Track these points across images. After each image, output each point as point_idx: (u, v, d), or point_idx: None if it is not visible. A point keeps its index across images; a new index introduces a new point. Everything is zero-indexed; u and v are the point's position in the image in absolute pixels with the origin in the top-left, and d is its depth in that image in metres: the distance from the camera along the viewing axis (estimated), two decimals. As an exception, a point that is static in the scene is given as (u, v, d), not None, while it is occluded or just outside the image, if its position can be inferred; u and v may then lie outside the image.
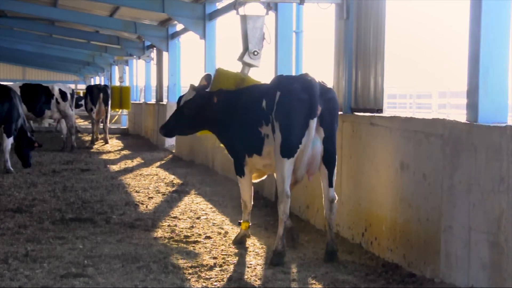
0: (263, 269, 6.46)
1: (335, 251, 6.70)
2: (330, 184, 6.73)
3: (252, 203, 7.53)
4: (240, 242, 7.42)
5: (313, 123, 6.42)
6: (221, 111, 7.29)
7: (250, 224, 7.54)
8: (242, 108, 7.09)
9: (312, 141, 6.49)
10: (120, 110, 25.49)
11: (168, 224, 8.58)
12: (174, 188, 11.70)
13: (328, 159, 6.68)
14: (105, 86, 22.18)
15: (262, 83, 7.56)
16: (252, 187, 7.47)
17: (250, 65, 8.00)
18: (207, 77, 7.61)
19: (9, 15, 24.18)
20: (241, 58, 8.03)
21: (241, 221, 7.54)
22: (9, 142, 13.37)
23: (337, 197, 6.79)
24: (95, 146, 20.82)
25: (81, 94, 21.05)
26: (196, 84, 7.57)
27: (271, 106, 6.65)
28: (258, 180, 7.60)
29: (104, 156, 17.75)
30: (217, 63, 16.05)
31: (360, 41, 8.12)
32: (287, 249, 6.77)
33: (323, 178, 6.75)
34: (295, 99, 6.47)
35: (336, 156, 6.76)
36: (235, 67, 8.00)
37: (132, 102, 25.85)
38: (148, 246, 7.28)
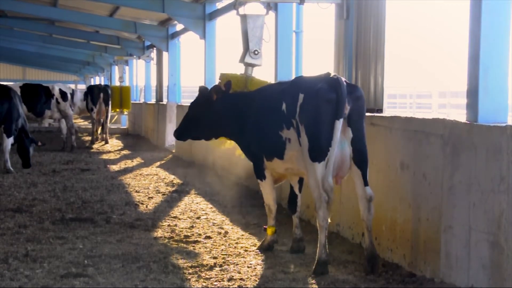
0: (263, 269, 6.46)
1: (376, 256, 6.24)
2: (366, 183, 6.27)
3: (276, 206, 7.17)
4: (267, 249, 7.09)
5: (339, 124, 6.03)
6: (230, 114, 7.11)
7: (276, 229, 7.17)
8: (257, 111, 6.81)
9: (340, 143, 6.12)
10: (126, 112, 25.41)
11: (168, 224, 8.58)
12: (174, 188, 11.70)
13: (360, 160, 6.25)
14: (106, 86, 22.18)
15: (274, 83, 7.46)
16: (275, 189, 7.11)
17: (252, 65, 7.99)
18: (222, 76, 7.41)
19: (9, 15, 24.18)
20: (242, 60, 8.02)
21: (266, 226, 7.18)
22: (9, 142, 13.37)
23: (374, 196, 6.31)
24: (95, 146, 20.82)
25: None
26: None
27: (292, 109, 6.33)
28: (277, 184, 7.19)
29: (104, 156, 17.75)
30: (217, 63, 16.05)
31: (360, 41, 8.12)
32: (287, 249, 6.77)
33: (357, 179, 6.29)
34: (322, 100, 6.10)
35: (367, 155, 6.32)
36: (235, 68, 8.00)
37: (132, 102, 25.83)
38: (148, 246, 7.28)
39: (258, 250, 7.11)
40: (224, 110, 7.19)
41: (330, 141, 6.06)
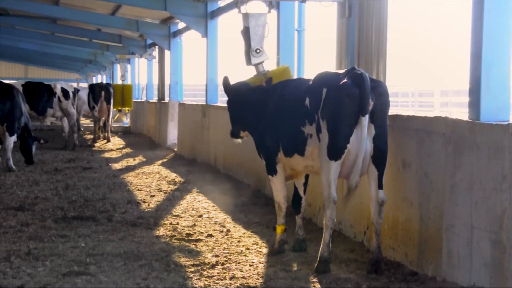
0: (265, 267, 6.46)
1: (381, 260, 6.18)
2: (380, 186, 6.12)
3: (287, 204, 6.98)
4: (279, 251, 6.88)
5: (365, 120, 5.91)
6: (248, 107, 7.07)
7: (286, 228, 6.97)
8: (278, 105, 6.68)
9: (361, 139, 5.96)
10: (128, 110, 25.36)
11: (170, 222, 8.59)
12: (176, 186, 11.71)
13: (379, 159, 6.09)
14: (107, 84, 22.18)
15: (295, 79, 7.40)
16: (285, 187, 6.91)
17: (261, 62, 7.94)
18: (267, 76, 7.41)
19: (11, 13, 24.18)
20: (249, 62, 7.95)
21: (276, 225, 6.99)
22: (11, 140, 13.37)
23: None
24: (97, 144, 20.84)
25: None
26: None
27: (316, 104, 6.17)
28: (289, 181, 7.02)
29: (106, 154, 17.76)
30: (219, 62, 16.05)
31: (362, 40, 8.12)
32: (288, 248, 6.74)
33: (372, 179, 6.14)
34: (344, 95, 5.95)
35: (387, 155, 6.17)
36: (236, 67, 7.94)
37: (134, 100, 25.85)
38: (150, 244, 7.29)
39: (270, 255, 6.90)
40: (237, 102, 7.21)
41: (348, 139, 5.96)
